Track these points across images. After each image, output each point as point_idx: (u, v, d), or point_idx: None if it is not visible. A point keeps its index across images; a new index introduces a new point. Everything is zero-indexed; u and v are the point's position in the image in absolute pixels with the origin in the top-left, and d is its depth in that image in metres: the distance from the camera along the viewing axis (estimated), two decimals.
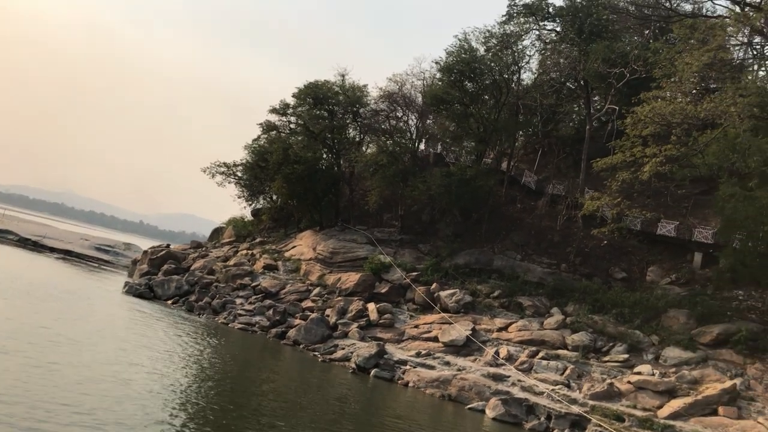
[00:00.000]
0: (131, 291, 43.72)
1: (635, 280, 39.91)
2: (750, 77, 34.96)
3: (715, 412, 26.86)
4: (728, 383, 28.10)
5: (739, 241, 33.61)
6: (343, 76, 52.22)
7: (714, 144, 33.05)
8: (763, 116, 32.05)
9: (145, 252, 56.62)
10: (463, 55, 46.03)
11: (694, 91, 31.78)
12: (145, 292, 43.84)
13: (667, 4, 52.39)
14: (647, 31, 56.53)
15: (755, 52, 44.29)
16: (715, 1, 38.73)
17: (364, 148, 53.54)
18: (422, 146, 56.66)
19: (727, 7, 37.20)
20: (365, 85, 53.14)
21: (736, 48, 42.07)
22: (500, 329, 35.87)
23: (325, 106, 52.20)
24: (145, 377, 21.31)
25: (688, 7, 49.40)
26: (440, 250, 44.28)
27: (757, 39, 36.77)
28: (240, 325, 38.34)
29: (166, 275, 47.48)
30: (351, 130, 53.45)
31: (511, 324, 36.05)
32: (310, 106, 51.95)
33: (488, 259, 42.36)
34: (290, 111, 52.73)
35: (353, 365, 32.55)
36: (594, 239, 42.11)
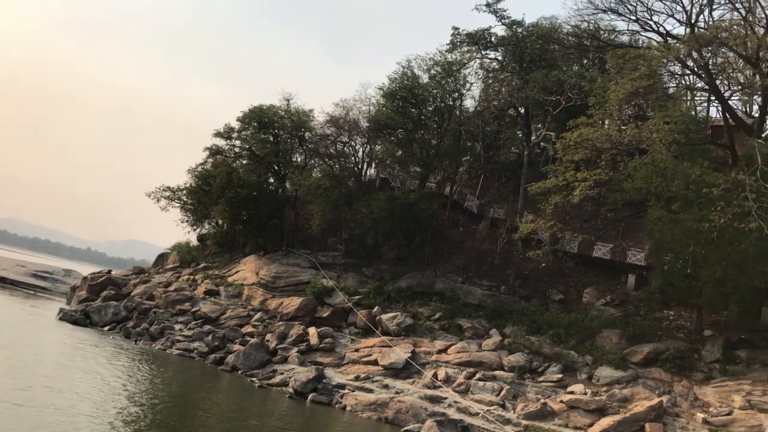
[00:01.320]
0: (66, 318, 42.46)
1: (572, 301, 40.84)
2: (676, 106, 36.55)
3: (642, 429, 27.47)
4: (655, 400, 28.86)
5: (667, 262, 34.72)
6: (288, 100, 52.51)
7: (642, 169, 34.40)
8: (687, 143, 33.58)
9: (85, 278, 55.15)
10: (406, 82, 46.87)
11: (619, 119, 33.10)
12: (80, 318, 42.62)
13: (605, 35, 54.81)
14: (586, 61, 58.70)
15: (686, 82, 46.46)
16: (644, 33, 40.30)
17: (310, 172, 53.65)
18: (371, 171, 57.19)
19: (653, 39, 39.18)
20: (311, 110, 53.58)
21: (669, 77, 43.92)
22: (440, 351, 36.09)
23: (271, 130, 52.28)
24: (66, 405, 20.71)
25: (625, 38, 51.52)
26: (384, 273, 44.51)
27: (684, 69, 38.52)
28: (178, 351, 37.60)
29: (105, 301, 46.31)
30: (297, 154, 53.54)
31: (450, 346, 36.32)
32: (255, 130, 51.94)
33: (430, 281, 42.74)
34: (235, 135, 52.57)
35: (291, 390, 32.23)
36: (533, 262, 43.04)
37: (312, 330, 38.43)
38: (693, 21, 35.98)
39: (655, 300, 37.64)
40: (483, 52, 57.76)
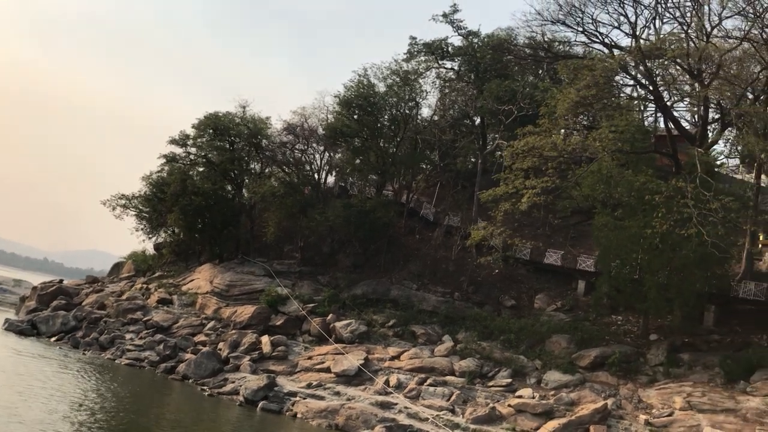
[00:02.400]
0: (11, 328, 41.45)
1: (524, 307, 41.41)
2: (624, 116, 37.52)
3: (587, 431, 28.04)
4: (600, 403, 29.49)
5: (614, 268, 35.51)
6: (243, 107, 52.28)
7: (589, 177, 35.24)
8: (631, 151, 34.52)
9: (35, 288, 53.82)
10: (362, 90, 47.14)
11: (567, 128, 33.86)
12: (26, 329, 41.64)
13: (560, 47, 55.98)
14: (541, 71, 59.84)
15: (637, 93, 47.68)
16: (594, 45, 41.23)
17: (267, 180, 53.36)
18: (330, 179, 57.20)
19: (602, 51, 40.20)
20: (268, 117, 53.40)
21: (619, 88, 44.92)
22: (393, 358, 36.26)
23: (227, 138, 51.93)
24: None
25: (580, 50, 52.70)
26: (339, 281, 44.53)
27: (629, 79, 39.58)
28: (127, 361, 37.00)
29: (55, 311, 45.26)
30: (253, 162, 53.26)
31: (403, 352, 36.52)
32: (210, 137, 51.54)
33: (385, 289, 42.90)
34: (190, 142, 52.07)
35: (241, 398, 32.02)
36: (486, 268, 43.57)
37: (265, 338, 38.22)
38: (638, 33, 37.10)
39: (604, 305, 38.41)
40: (440, 62, 58.64)
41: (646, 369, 33.31)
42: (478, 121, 56.73)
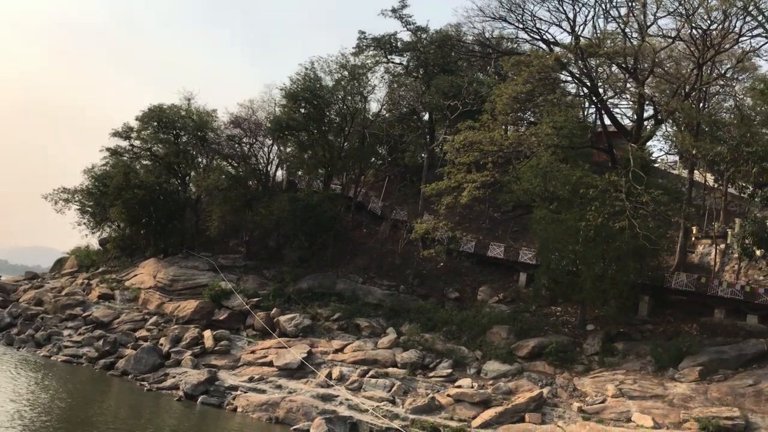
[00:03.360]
0: None
1: (467, 299, 42.03)
2: (563, 112, 38.38)
3: (522, 419, 28.67)
4: (536, 392, 30.16)
5: (552, 261, 36.35)
6: (189, 100, 51.56)
7: (527, 171, 35.95)
8: (569, 146, 35.35)
9: None
10: (308, 83, 46.98)
11: (506, 123, 34.47)
12: None
13: (507, 44, 56.84)
14: (489, 67, 60.65)
15: (579, 90, 48.74)
16: (536, 42, 41.90)
17: (213, 174, 52.70)
18: (280, 173, 56.85)
19: (541, 47, 40.98)
20: (214, 110, 52.82)
21: (559, 84, 45.88)
22: (336, 351, 36.36)
23: (172, 131, 51.15)
24: None
25: (528, 47, 53.53)
26: (285, 275, 44.42)
27: (568, 75, 40.43)
28: (64, 357, 36.20)
29: None
30: (199, 155, 52.57)
31: (347, 345, 36.68)
32: (154, 130, 50.68)
33: (331, 282, 42.98)
34: (134, 135, 51.11)
35: (181, 393, 31.69)
36: (432, 261, 44.07)
37: (207, 333, 37.88)
38: (578, 31, 37.96)
39: (543, 297, 39.25)
40: (388, 57, 58.92)
41: (582, 358, 34.25)
42: (426, 116, 57.31)
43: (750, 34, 35.62)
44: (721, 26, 35.29)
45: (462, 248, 43.68)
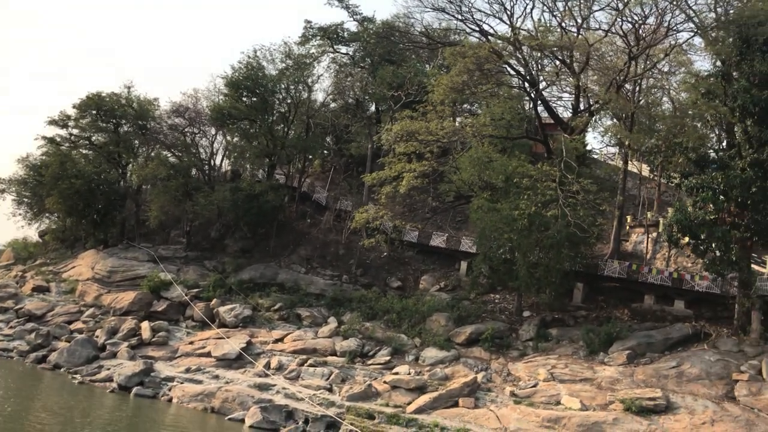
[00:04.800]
0: None
1: (410, 288, 42.45)
2: (501, 103, 38.95)
3: (456, 404, 29.17)
4: (470, 377, 30.75)
5: (489, 249, 36.98)
6: (128, 87, 50.42)
7: (466, 161, 36.44)
8: (505, 137, 35.94)
9: None
10: (251, 72, 46.49)
11: (444, 113, 34.80)
12: None
13: (454, 36, 57.27)
14: (437, 59, 61.05)
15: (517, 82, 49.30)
16: (475, 34, 42.27)
17: (153, 163, 51.69)
18: (226, 163, 56.11)
19: (477, 38, 41.44)
20: (156, 98, 51.80)
21: (499, 76, 46.43)
22: (276, 341, 36.29)
23: (111, 119, 49.98)
24: None
25: (475, 38, 53.97)
26: (226, 266, 44.02)
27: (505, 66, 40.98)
28: None
29: None
30: (141, 145, 51.48)
31: (287, 335, 36.64)
32: (93, 118, 49.44)
33: (273, 273, 42.80)
34: (71, 123, 49.75)
35: (114, 385, 31.20)
36: (375, 251, 44.32)
37: (145, 324, 37.32)
38: (516, 23, 38.51)
39: (483, 284, 39.95)
40: (335, 47, 58.73)
41: (518, 344, 35.03)
42: (373, 107, 57.44)
43: (680, 27, 36.75)
44: (653, 20, 36.36)
45: (405, 238, 44.09)
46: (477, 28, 37.34)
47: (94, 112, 49.35)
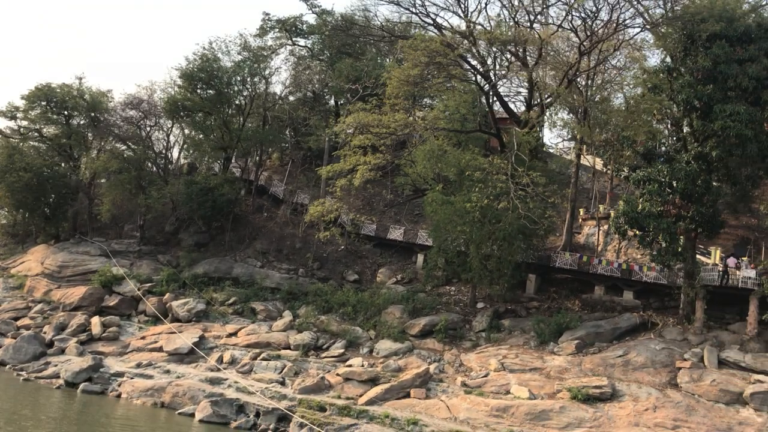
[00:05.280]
0: None
1: (367, 281, 42.52)
2: (455, 97, 39.18)
3: (408, 395, 29.36)
4: (422, 368, 30.97)
5: (444, 241, 37.22)
6: (80, 79, 49.34)
7: (421, 155, 36.57)
8: (456, 130, 36.15)
9: None
10: (206, 64, 45.89)
11: (399, 106, 34.83)
12: None
13: (415, 30, 57.31)
14: (397, 53, 61.06)
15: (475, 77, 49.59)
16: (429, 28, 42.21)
17: (106, 156, 50.67)
18: (183, 156, 55.28)
19: (433, 32, 41.57)
20: (109, 90, 50.84)
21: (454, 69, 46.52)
22: (230, 335, 36.03)
23: (62, 111, 48.84)
24: None
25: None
26: (181, 260, 43.48)
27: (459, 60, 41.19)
28: None
29: None
30: (92, 137, 50.39)
31: (241, 329, 36.41)
32: (43, 110, 48.24)
33: (228, 267, 42.43)
34: (20, 114, 48.47)
35: (61, 381, 30.64)
36: (332, 245, 44.20)
37: (95, 319, 36.69)
38: (470, 17, 38.68)
39: (439, 277, 40.21)
40: (293, 39, 58.39)
41: (471, 335, 35.38)
42: (332, 100, 57.26)
43: (631, 23, 37.36)
44: (604, 15, 36.90)
45: (362, 231, 44.12)
46: (431, 22, 37.42)
47: (44, 103, 48.15)
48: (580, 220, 44.17)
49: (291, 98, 55.43)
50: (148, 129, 50.47)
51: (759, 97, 30.74)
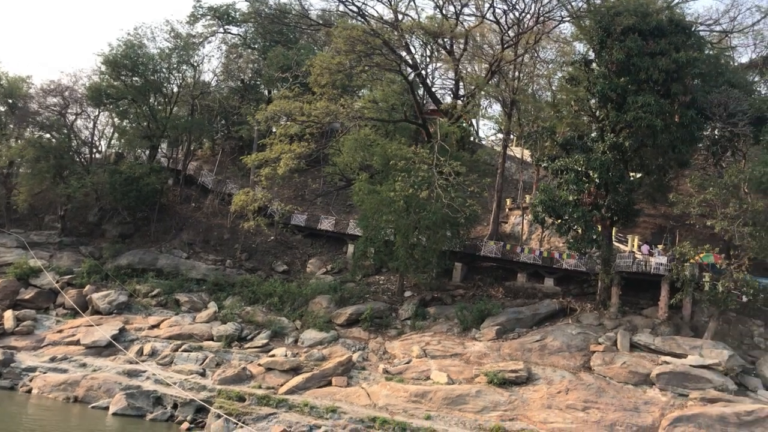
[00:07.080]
0: None
1: (296, 272, 42.22)
2: (383, 87, 39.26)
3: (329, 383, 29.43)
4: (345, 356, 31.05)
5: (371, 231, 37.30)
6: None
7: (348, 144, 36.56)
8: (381, 120, 36.26)
9: None
10: (130, 50, 44.57)
11: (324, 95, 34.65)
12: None
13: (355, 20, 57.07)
14: (332, 42, 60.70)
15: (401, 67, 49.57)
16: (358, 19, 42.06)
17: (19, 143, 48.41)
18: (111, 145, 53.59)
19: (360, 21, 41.61)
20: (29, 76, 48.79)
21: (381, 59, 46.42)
22: (152, 327, 35.30)
23: None
24: None
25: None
26: (103, 251, 42.24)
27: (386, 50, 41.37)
28: None
29: None
30: (10, 124, 48.22)
31: (164, 321, 35.70)
32: None
33: (153, 258, 41.47)
34: None
35: None
36: (261, 235, 43.71)
37: (8, 313, 35.33)
38: (398, 8, 38.83)
39: (369, 266, 40.28)
40: (225, 27, 57.36)
41: (397, 323, 35.65)
42: (266, 89, 56.48)
43: (551, 15, 38.23)
44: (525, 6, 37.63)
45: (292, 222, 43.79)
46: (357, 11, 37.38)
47: None
48: (507, 210, 45.05)
49: (222, 87, 54.41)
50: (73, 117, 48.68)
51: (669, 89, 31.94)
